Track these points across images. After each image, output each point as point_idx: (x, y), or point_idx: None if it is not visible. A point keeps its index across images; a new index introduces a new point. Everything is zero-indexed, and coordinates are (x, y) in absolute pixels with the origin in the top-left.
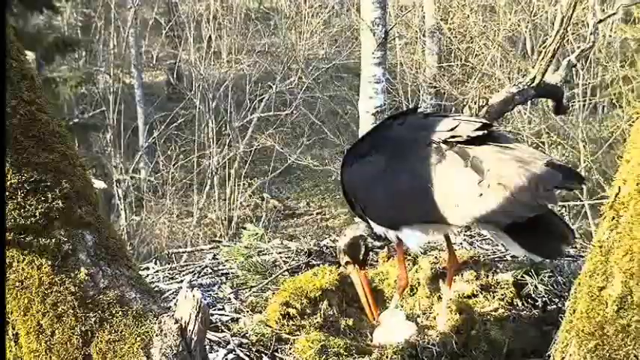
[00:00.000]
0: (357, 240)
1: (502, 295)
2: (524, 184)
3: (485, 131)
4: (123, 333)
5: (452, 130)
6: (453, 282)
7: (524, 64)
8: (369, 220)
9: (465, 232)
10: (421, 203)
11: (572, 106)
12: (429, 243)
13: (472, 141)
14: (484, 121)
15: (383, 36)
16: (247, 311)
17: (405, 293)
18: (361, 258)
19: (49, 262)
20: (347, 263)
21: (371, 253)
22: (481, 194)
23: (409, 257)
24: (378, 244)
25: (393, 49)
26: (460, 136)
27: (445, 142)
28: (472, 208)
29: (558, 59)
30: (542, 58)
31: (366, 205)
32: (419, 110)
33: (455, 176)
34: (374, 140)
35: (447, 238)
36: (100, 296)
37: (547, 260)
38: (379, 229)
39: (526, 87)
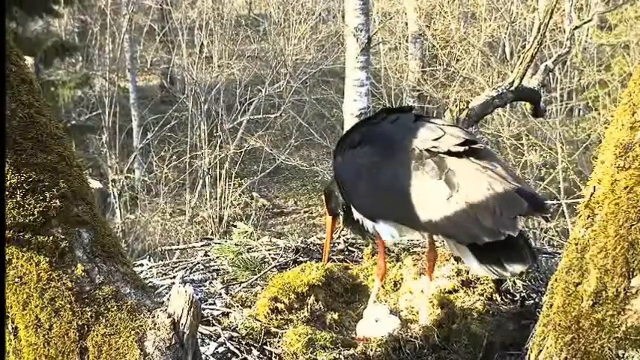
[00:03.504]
0: (333, 197)
1: (482, 290)
2: (489, 208)
3: (467, 147)
4: (118, 327)
5: (436, 140)
6: (433, 275)
7: (504, 68)
8: (352, 207)
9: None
10: (396, 204)
11: (549, 109)
12: (410, 241)
13: (455, 153)
14: (469, 137)
15: (366, 41)
16: (237, 306)
17: (389, 289)
18: (333, 209)
19: (47, 259)
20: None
21: (356, 250)
22: (447, 209)
23: (393, 254)
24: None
25: (378, 54)
26: (441, 147)
27: (428, 150)
28: (437, 221)
29: (536, 64)
30: (521, 63)
31: (351, 192)
32: (414, 111)
33: (428, 186)
34: (365, 133)
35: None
36: (96, 291)
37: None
38: (358, 216)
39: (505, 91)
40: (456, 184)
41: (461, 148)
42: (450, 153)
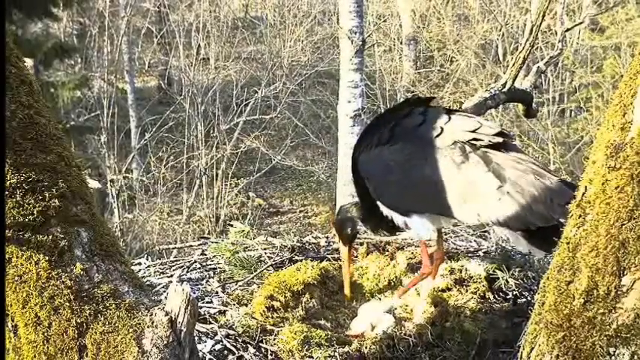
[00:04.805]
0: (346, 220)
1: (475, 288)
2: (540, 196)
3: (503, 139)
4: (116, 325)
5: (474, 131)
6: (436, 274)
7: (497, 69)
8: (379, 203)
9: (447, 228)
10: (440, 197)
11: (541, 110)
12: (404, 240)
13: (492, 146)
14: (500, 128)
15: (360, 43)
16: (234, 304)
17: (383, 287)
18: (347, 237)
19: (46, 258)
20: (334, 236)
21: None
22: (500, 199)
23: (387, 253)
24: (366, 229)
25: (373, 56)
26: (482, 140)
27: (469, 143)
28: (490, 211)
29: (528, 65)
30: (513, 65)
31: (380, 189)
32: (432, 103)
33: (477, 178)
34: (396, 129)
35: (439, 231)
36: (95, 290)
37: (518, 255)
38: (388, 212)
39: (497, 92)
40: (505, 176)
41: (500, 139)
42: (489, 146)
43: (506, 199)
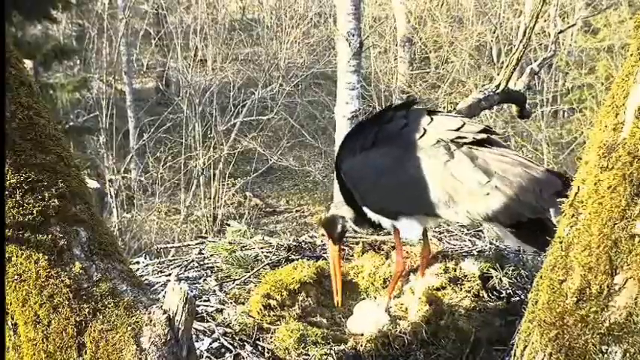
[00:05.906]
0: (335, 218)
1: (469, 287)
2: (528, 187)
3: (487, 135)
4: (115, 323)
5: (458, 130)
6: (425, 272)
7: (491, 70)
8: (365, 208)
9: (436, 228)
10: (427, 197)
11: (535, 111)
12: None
13: (476, 143)
14: (484, 126)
15: (358, 46)
16: (231, 302)
17: (379, 286)
18: (336, 236)
19: (46, 257)
20: (323, 235)
21: (347, 248)
22: (488, 194)
23: (382, 252)
24: (357, 228)
25: (368, 57)
26: (466, 138)
27: (453, 141)
28: (479, 207)
29: (522, 67)
30: (507, 66)
31: (367, 194)
32: (416, 106)
33: (463, 175)
34: (379, 133)
35: (425, 230)
36: (94, 289)
37: (512, 254)
38: (375, 217)
39: (491, 93)
40: (492, 171)
41: (484, 136)
42: (474, 143)
43: (494, 194)
